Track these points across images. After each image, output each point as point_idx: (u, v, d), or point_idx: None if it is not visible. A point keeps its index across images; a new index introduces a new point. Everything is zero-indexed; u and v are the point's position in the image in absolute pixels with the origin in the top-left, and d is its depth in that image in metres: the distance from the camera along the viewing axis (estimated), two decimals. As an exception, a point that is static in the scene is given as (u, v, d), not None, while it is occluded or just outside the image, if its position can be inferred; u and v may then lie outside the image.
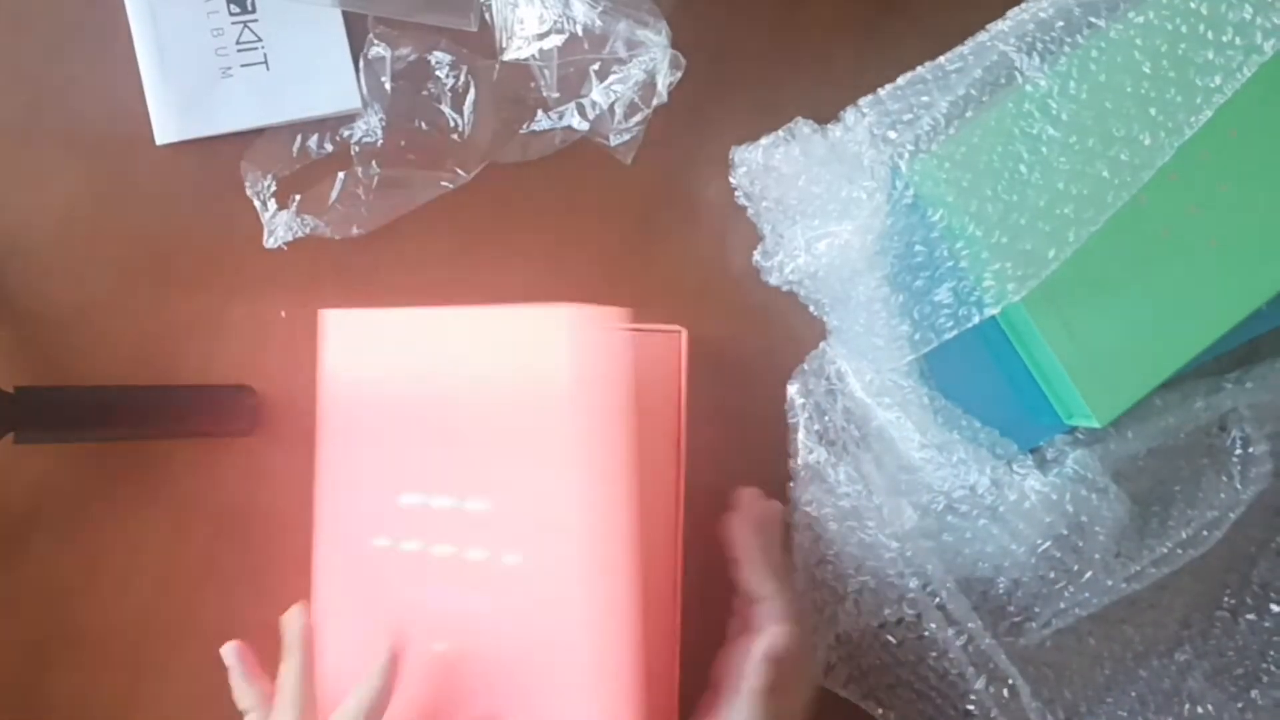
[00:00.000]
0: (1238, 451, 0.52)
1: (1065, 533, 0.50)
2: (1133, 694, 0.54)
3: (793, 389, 0.55)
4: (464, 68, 0.55)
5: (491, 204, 0.56)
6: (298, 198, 0.54)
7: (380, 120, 0.55)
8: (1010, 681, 0.50)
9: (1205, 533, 0.51)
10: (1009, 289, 0.48)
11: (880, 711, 0.53)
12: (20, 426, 0.49)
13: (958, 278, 0.50)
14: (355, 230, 0.54)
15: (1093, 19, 0.50)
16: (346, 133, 0.55)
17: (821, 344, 0.55)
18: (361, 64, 0.55)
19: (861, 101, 0.52)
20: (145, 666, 0.54)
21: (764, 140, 0.54)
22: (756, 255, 0.55)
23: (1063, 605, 0.51)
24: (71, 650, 0.54)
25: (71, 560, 0.54)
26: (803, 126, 0.53)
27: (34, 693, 0.54)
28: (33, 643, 0.54)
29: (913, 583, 0.51)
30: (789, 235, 0.54)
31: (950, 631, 0.51)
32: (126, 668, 0.54)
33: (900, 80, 0.52)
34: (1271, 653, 0.54)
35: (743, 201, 0.56)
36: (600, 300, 0.57)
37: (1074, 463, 0.51)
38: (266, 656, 0.55)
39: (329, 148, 0.55)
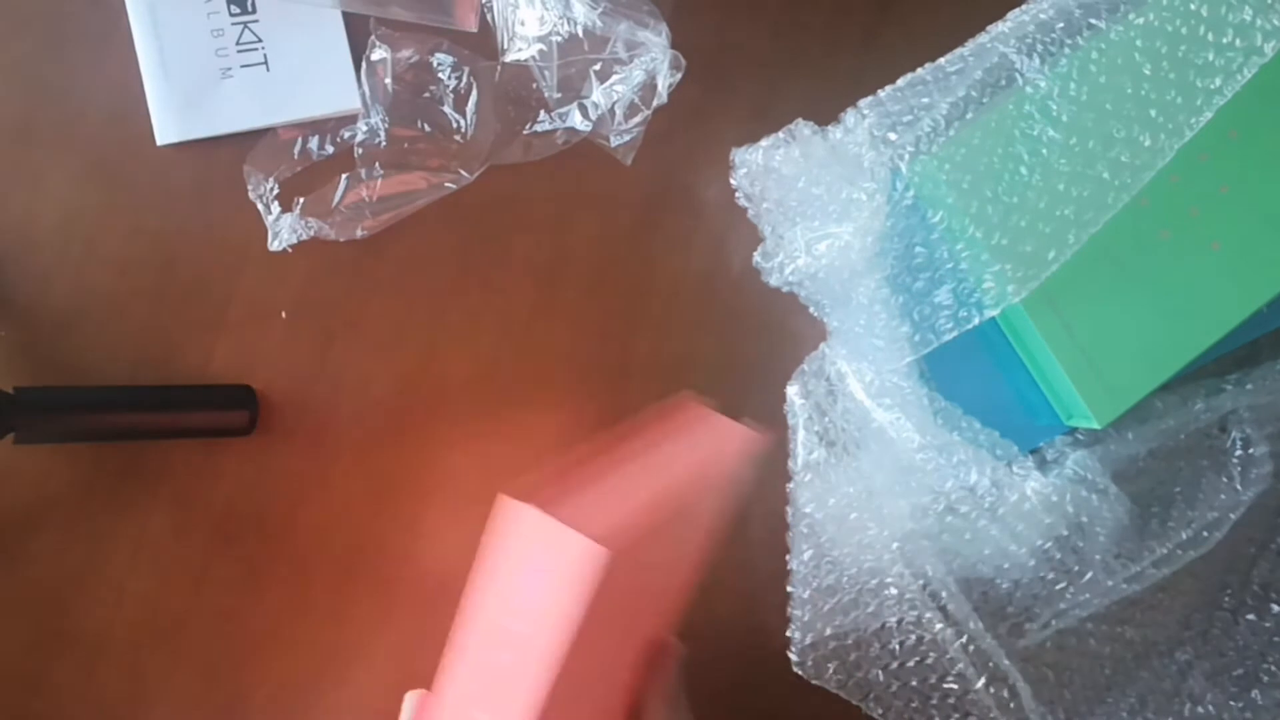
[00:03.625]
0: (1238, 453, 0.52)
1: (1065, 534, 0.50)
2: (1133, 694, 0.54)
3: (792, 390, 0.55)
4: (466, 69, 0.56)
5: (494, 204, 0.57)
6: (301, 200, 0.54)
7: (383, 122, 0.55)
8: (1011, 682, 0.50)
9: (1205, 534, 0.51)
10: (1009, 290, 0.48)
11: (880, 712, 0.53)
12: (20, 426, 0.49)
13: (958, 279, 0.50)
14: (360, 233, 0.54)
15: (1093, 20, 0.50)
16: (348, 134, 0.55)
17: (821, 345, 0.55)
18: (364, 66, 0.55)
19: (861, 103, 0.52)
20: (145, 666, 0.54)
21: (764, 141, 0.54)
22: (757, 256, 0.55)
23: (1063, 606, 0.51)
24: (71, 650, 0.54)
25: (71, 560, 0.54)
26: (803, 128, 0.53)
27: (34, 693, 0.54)
28: (33, 643, 0.54)
29: (913, 584, 0.51)
30: (789, 236, 0.54)
31: (950, 632, 0.51)
32: (126, 668, 0.54)
33: (900, 82, 0.52)
34: (1272, 653, 0.55)
35: (743, 202, 0.56)
36: (599, 300, 0.57)
37: (1074, 464, 0.51)
38: (265, 657, 0.55)
39: (330, 149, 0.55)
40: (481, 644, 0.36)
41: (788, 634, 0.53)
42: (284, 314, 0.55)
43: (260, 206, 0.54)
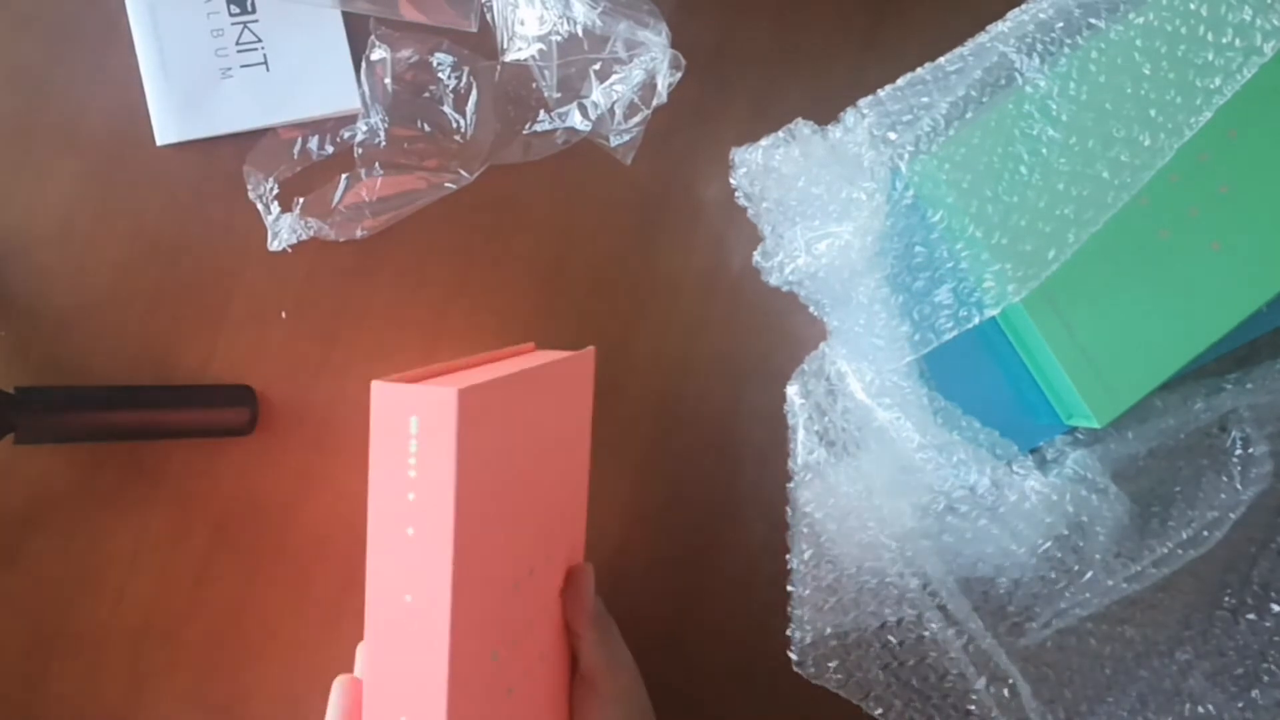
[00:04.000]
0: (1238, 452, 0.52)
1: (1065, 533, 0.50)
2: (1133, 694, 0.54)
3: (792, 389, 0.55)
4: (465, 69, 0.56)
5: (493, 205, 0.57)
6: (301, 200, 0.54)
7: (382, 122, 0.55)
8: (1011, 681, 0.50)
9: (1205, 533, 0.51)
10: (1009, 290, 0.48)
11: (880, 711, 0.53)
12: (20, 426, 0.49)
13: (958, 278, 0.50)
14: (360, 233, 0.54)
15: (1092, 20, 0.50)
16: (348, 134, 0.55)
17: (821, 345, 0.55)
18: (363, 65, 0.55)
19: (861, 102, 0.52)
20: (145, 666, 0.54)
21: (764, 141, 0.54)
22: (757, 256, 0.55)
23: (1063, 605, 0.51)
24: (71, 650, 0.54)
25: (71, 560, 0.54)
26: (803, 127, 0.53)
27: (34, 693, 0.54)
28: (33, 643, 0.54)
29: (913, 583, 0.51)
30: (789, 236, 0.54)
31: (950, 631, 0.51)
32: (126, 668, 0.54)
33: (900, 81, 0.52)
34: (1272, 652, 0.54)
35: (743, 202, 0.56)
36: (599, 300, 0.58)
37: (1074, 463, 0.51)
38: (265, 657, 0.55)
39: (330, 149, 0.55)
40: (387, 530, 0.39)
41: (788, 633, 0.53)
42: (284, 314, 0.55)
43: (260, 206, 0.54)
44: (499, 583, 0.42)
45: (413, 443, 0.37)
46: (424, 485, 0.38)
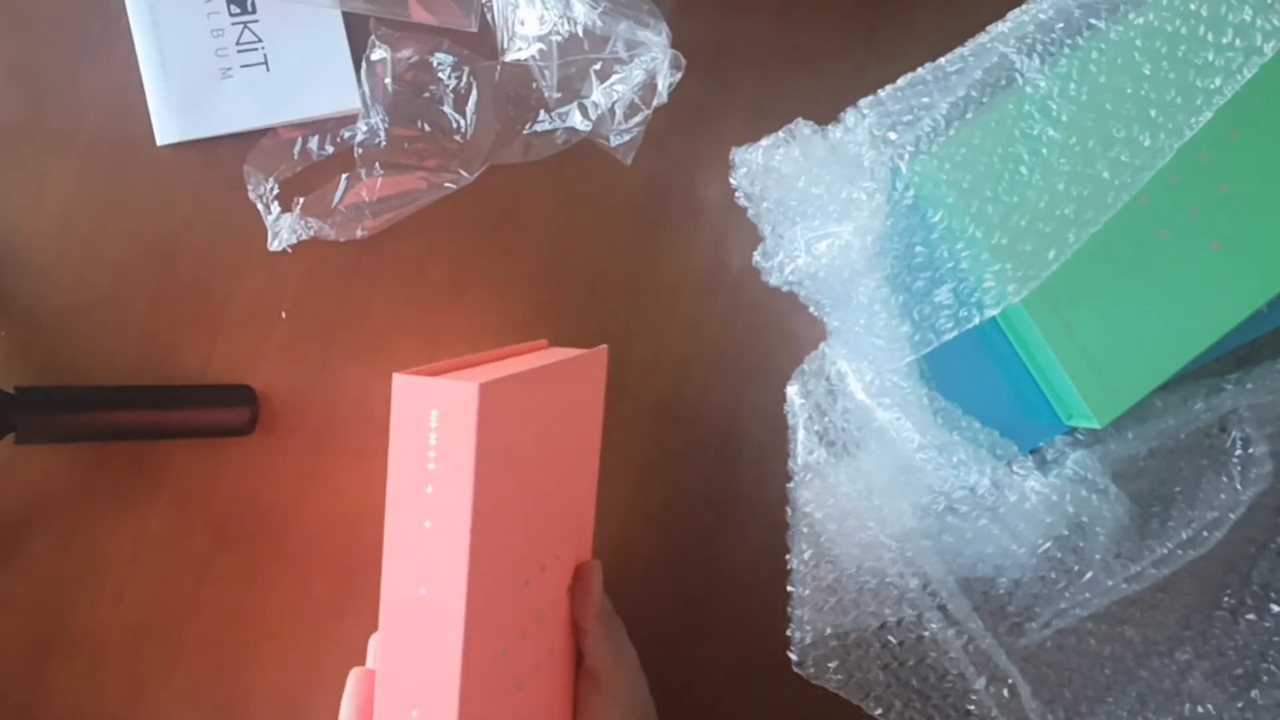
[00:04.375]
0: (1238, 452, 0.52)
1: (1065, 533, 0.50)
2: (1133, 694, 0.54)
3: (792, 390, 0.55)
4: (466, 69, 0.56)
5: (494, 205, 0.57)
6: (301, 200, 0.54)
7: (382, 122, 0.55)
8: (1010, 681, 0.50)
9: (1205, 533, 0.51)
10: (1009, 290, 0.48)
11: (880, 711, 0.53)
12: (20, 426, 0.49)
13: (958, 279, 0.50)
14: (360, 233, 0.54)
15: (1093, 20, 0.50)
16: (348, 134, 0.55)
17: (821, 345, 0.55)
18: (363, 65, 0.55)
19: (862, 102, 0.52)
20: (145, 666, 0.54)
21: (764, 141, 0.54)
22: (757, 256, 0.55)
23: (1063, 605, 0.51)
24: (71, 650, 0.54)
25: (71, 560, 0.54)
26: (803, 127, 0.53)
27: (34, 693, 0.54)
28: (33, 643, 0.54)
29: (913, 583, 0.51)
30: (789, 236, 0.54)
31: (950, 631, 0.51)
32: (126, 668, 0.54)
33: (900, 81, 0.52)
34: (1271, 653, 0.54)
35: (743, 202, 0.56)
36: (599, 300, 0.58)
37: (1074, 463, 0.51)
38: (265, 657, 0.55)
39: (330, 149, 0.55)
40: (404, 523, 0.39)
41: (788, 634, 0.53)
42: (284, 314, 0.55)
43: (260, 206, 0.54)
44: (512, 578, 0.43)
45: (432, 435, 0.38)
46: (443, 478, 0.38)
